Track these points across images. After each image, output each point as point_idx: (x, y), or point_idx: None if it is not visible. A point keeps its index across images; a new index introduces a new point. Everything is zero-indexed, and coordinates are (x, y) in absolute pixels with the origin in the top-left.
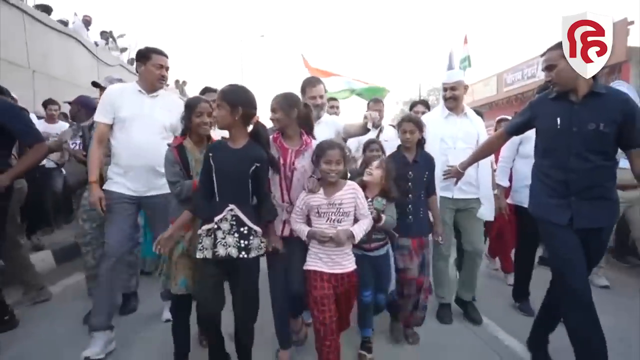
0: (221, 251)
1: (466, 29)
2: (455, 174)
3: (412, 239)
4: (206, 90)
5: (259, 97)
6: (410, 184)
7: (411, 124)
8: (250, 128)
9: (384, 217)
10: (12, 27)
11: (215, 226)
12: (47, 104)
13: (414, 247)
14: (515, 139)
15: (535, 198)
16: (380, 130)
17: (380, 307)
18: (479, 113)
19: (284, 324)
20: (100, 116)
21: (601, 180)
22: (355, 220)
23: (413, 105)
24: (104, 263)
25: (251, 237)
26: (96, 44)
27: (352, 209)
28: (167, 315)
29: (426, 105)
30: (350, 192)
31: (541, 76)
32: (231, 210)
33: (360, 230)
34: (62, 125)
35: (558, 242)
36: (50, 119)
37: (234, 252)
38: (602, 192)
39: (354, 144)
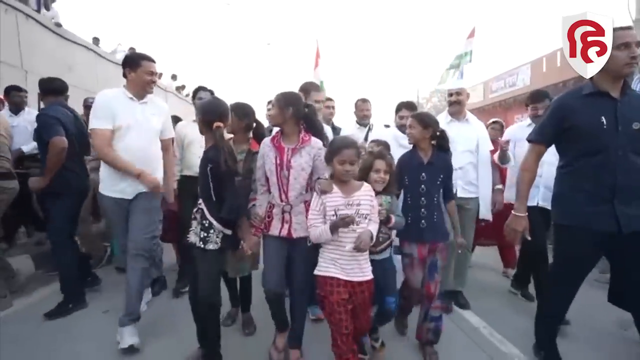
0: (192, 238)
1: (463, 32)
2: (518, 224)
3: (418, 246)
4: (199, 89)
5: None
6: (423, 186)
7: (412, 119)
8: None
9: (393, 217)
10: (88, 63)
11: (193, 216)
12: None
13: (420, 256)
14: (511, 140)
15: (569, 206)
16: (369, 129)
17: (390, 312)
18: None
19: (278, 309)
20: (102, 123)
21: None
22: None
23: (398, 109)
24: (129, 260)
25: (211, 231)
26: None
27: (369, 211)
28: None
29: (411, 108)
30: (368, 194)
31: (520, 84)
32: (200, 204)
33: (375, 233)
34: None
35: (581, 252)
36: None
37: (197, 240)
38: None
39: None
